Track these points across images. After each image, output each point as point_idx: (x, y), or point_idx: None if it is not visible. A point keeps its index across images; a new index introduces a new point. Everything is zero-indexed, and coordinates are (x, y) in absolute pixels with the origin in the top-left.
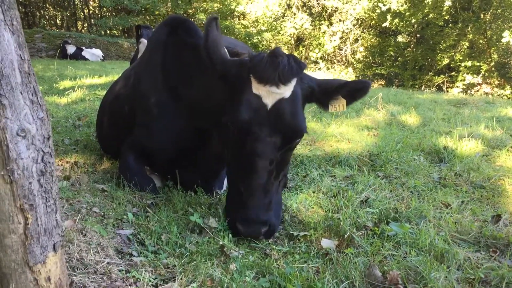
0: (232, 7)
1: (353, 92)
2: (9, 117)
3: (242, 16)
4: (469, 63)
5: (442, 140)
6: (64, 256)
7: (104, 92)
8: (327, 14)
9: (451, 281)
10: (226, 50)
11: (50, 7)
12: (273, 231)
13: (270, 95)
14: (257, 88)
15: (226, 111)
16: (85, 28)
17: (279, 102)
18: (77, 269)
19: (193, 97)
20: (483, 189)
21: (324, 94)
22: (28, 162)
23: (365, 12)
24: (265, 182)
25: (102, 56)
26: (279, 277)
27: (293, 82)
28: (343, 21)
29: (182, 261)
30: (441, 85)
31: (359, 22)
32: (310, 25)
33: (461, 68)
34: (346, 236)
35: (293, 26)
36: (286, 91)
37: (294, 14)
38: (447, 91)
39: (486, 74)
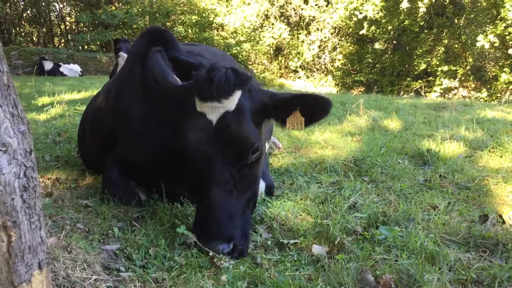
0: (211, 18)
1: (311, 109)
2: None
3: (220, 27)
4: (445, 68)
5: (425, 143)
6: (50, 274)
7: (84, 108)
8: (304, 24)
9: (444, 282)
10: (175, 77)
11: (25, 23)
12: (241, 252)
13: (213, 110)
14: (200, 106)
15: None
16: (62, 44)
17: (224, 117)
18: (64, 287)
19: (168, 109)
20: (468, 189)
21: (278, 108)
22: (10, 177)
23: (342, 21)
24: (224, 200)
25: (81, 71)
26: (271, 287)
27: (236, 94)
28: (321, 29)
29: (172, 275)
30: (419, 90)
31: (337, 30)
32: (289, 34)
33: (438, 73)
34: (336, 242)
35: (272, 36)
36: (229, 104)
37: (272, 24)
38: (426, 96)
39: (463, 78)
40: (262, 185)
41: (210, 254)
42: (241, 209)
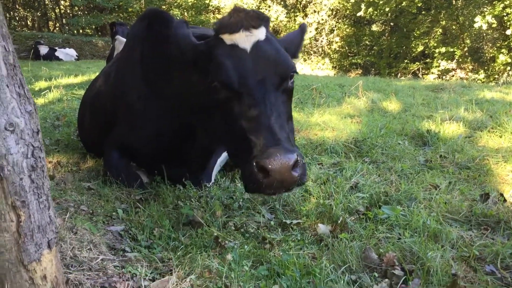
0: (207, 1)
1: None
2: None
3: (216, 10)
4: (443, 49)
5: (425, 124)
6: (58, 254)
7: (81, 92)
8: (301, 6)
9: (447, 259)
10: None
11: (20, 8)
12: (304, 171)
13: (245, 39)
14: (230, 39)
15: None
16: (57, 28)
17: (257, 44)
18: (72, 266)
19: (171, 91)
20: (468, 169)
21: (295, 49)
22: (18, 158)
23: (339, 2)
24: (276, 119)
25: (76, 55)
26: (276, 265)
27: (263, 29)
28: (318, 12)
29: (178, 254)
30: (417, 72)
31: (334, 12)
32: (285, 17)
33: (435, 55)
34: (339, 221)
35: None
36: (259, 33)
37: (269, 6)
38: (423, 78)
39: (460, 60)
40: None
41: (215, 234)
42: (291, 136)
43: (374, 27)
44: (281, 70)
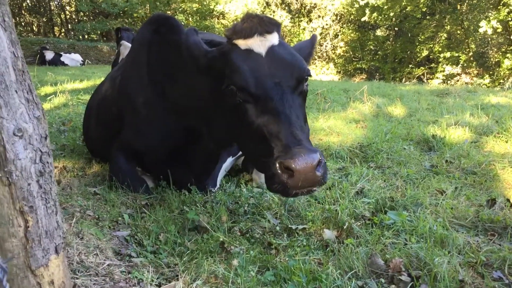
0: (211, 6)
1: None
2: (4, 116)
3: (221, 15)
4: (448, 54)
5: (430, 129)
6: (65, 259)
7: (86, 97)
8: (306, 11)
9: (454, 265)
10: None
11: (26, 13)
12: (326, 170)
13: (260, 44)
14: (245, 44)
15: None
16: (63, 34)
17: (272, 48)
18: (79, 272)
19: (178, 95)
20: (475, 174)
21: (305, 57)
22: (26, 163)
23: (343, 7)
24: (295, 120)
25: (82, 61)
26: (283, 271)
27: (276, 34)
28: (322, 17)
29: (183, 260)
30: (421, 76)
31: (338, 17)
32: (290, 22)
33: (440, 59)
34: (345, 227)
35: None
36: (273, 38)
37: (274, 11)
38: (428, 82)
39: (465, 64)
40: None
41: (221, 239)
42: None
43: (379, 32)
44: (297, 73)
